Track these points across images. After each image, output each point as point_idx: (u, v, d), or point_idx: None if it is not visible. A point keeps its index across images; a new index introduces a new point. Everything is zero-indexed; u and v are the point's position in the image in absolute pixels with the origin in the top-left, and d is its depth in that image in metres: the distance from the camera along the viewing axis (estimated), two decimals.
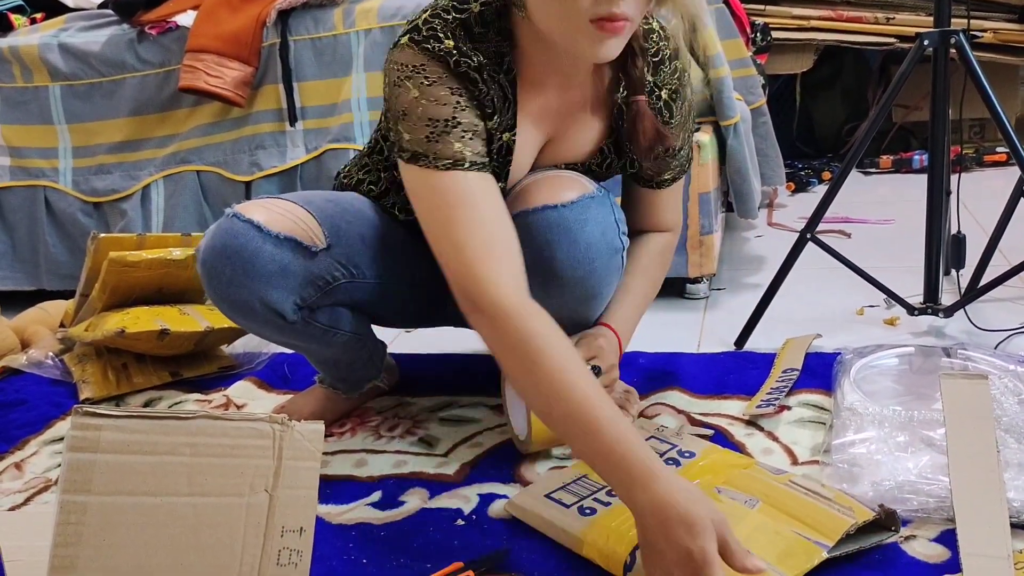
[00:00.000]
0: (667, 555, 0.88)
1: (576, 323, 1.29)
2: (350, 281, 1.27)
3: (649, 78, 1.22)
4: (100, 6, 2.29)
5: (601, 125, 1.25)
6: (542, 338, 0.99)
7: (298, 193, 1.29)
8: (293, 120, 2.03)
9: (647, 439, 1.23)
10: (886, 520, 1.03)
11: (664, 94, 1.24)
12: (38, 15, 2.32)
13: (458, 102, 1.10)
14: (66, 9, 2.34)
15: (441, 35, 1.10)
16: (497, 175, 1.16)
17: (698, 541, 0.85)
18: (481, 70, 1.12)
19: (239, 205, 1.20)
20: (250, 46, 1.99)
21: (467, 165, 1.09)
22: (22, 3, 2.29)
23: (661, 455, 1.18)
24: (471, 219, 1.06)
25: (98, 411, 0.84)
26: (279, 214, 1.20)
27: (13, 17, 2.24)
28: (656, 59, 1.22)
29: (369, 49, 1.98)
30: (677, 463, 1.17)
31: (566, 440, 1.12)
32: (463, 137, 1.09)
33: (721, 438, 1.30)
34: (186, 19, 2.06)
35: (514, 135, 1.18)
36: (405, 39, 1.12)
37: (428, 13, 1.13)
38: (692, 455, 1.19)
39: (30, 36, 2.17)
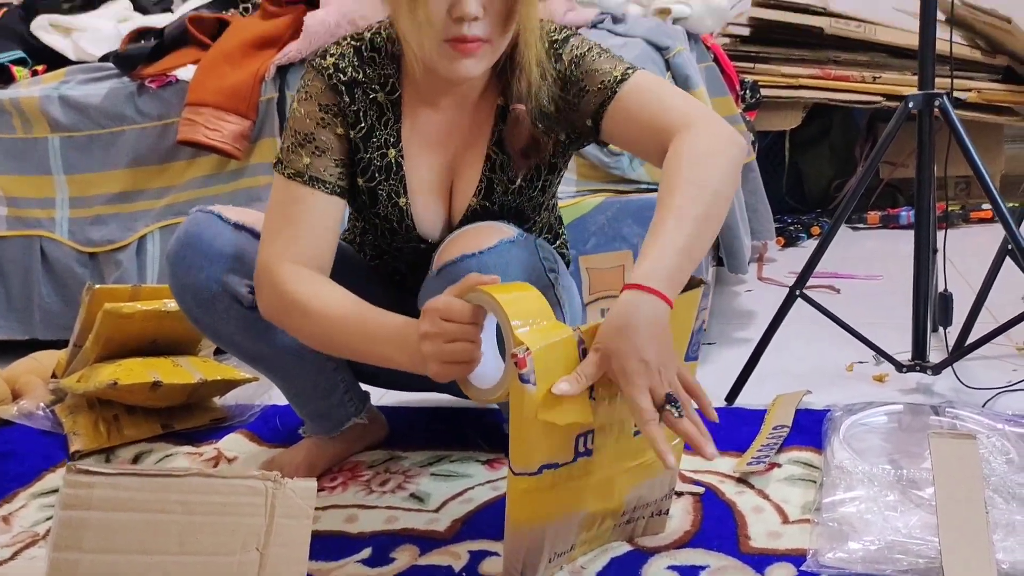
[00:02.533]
0: (427, 343, 1.05)
1: None
2: None
3: (547, 64, 1.20)
4: (101, 59, 2.32)
5: (485, 131, 1.27)
6: (303, 296, 1.16)
7: None
8: None
9: None
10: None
11: (561, 68, 1.21)
12: (40, 67, 2.35)
13: (322, 118, 1.22)
14: (68, 62, 2.38)
15: (330, 55, 1.24)
16: (395, 192, 1.26)
17: (427, 318, 1.04)
18: (355, 85, 1.23)
19: None
20: (248, 100, 2.02)
21: (305, 179, 1.21)
22: (24, 56, 2.32)
23: None
24: (287, 223, 1.21)
25: (91, 468, 0.84)
26: (241, 211, 1.32)
27: (15, 69, 2.27)
28: (549, 48, 1.21)
29: None
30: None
31: (347, 354, 1.24)
32: (314, 153, 1.22)
33: (711, 495, 1.31)
34: (186, 73, 2.09)
35: (400, 152, 1.26)
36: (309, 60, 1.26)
37: (332, 44, 1.26)
38: None
39: (31, 88, 2.20)
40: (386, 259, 1.38)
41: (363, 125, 1.24)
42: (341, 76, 1.22)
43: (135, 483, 0.86)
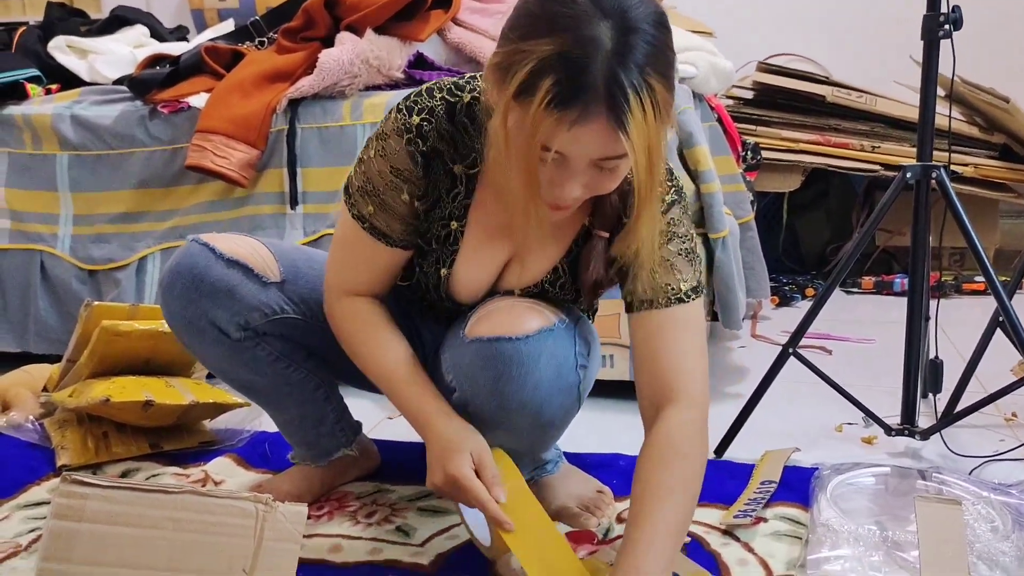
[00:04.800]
0: (438, 478, 1.15)
1: (531, 447, 1.31)
2: (302, 320, 1.34)
3: (621, 213, 1.18)
4: (115, 82, 2.36)
5: (561, 246, 1.24)
6: (359, 334, 1.26)
7: (269, 240, 1.39)
8: (294, 204, 2.08)
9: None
10: None
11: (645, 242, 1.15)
12: (54, 86, 2.38)
13: (392, 181, 1.18)
14: (82, 83, 2.41)
15: (416, 109, 1.16)
16: (443, 261, 1.24)
17: (454, 465, 1.13)
18: (433, 156, 1.16)
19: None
20: (258, 130, 2.05)
21: (367, 226, 1.22)
22: (39, 74, 2.36)
23: None
24: (349, 257, 1.25)
25: (86, 480, 0.85)
26: (236, 244, 1.31)
27: (29, 87, 2.30)
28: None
29: None
30: None
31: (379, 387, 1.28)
32: (379, 206, 1.20)
33: (697, 546, 1.31)
34: (198, 100, 2.13)
35: (462, 227, 1.21)
36: (399, 101, 1.18)
37: (428, 86, 1.18)
38: None
39: (44, 106, 2.23)
40: (415, 289, 1.33)
41: (429, 198, 1.20)
42: (420, 144, 1.15)
43: (128, 497, 0.86)
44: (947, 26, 1.56)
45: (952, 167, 1.64)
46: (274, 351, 1.34)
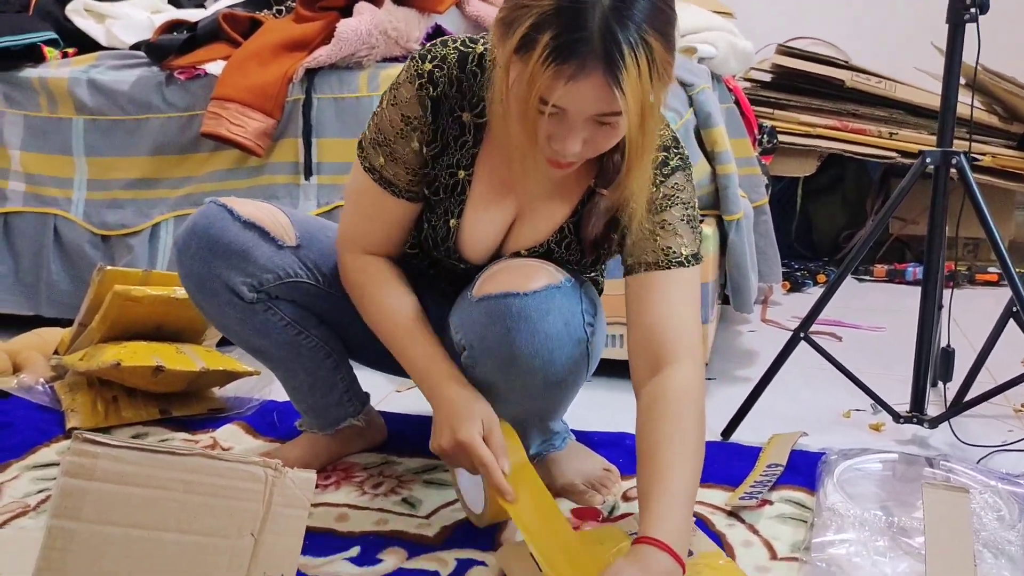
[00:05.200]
0: (445, 440, 1.17)
1: (540, 410, 1.31)
2: (315, 286, 1.35)
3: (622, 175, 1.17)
4: (132, 47, 2.35)
5: (568, 206, 1.25)
6: (368, 287, 1.28)
7: (287, 208, 1.40)
8: (308, 174, 2.07)
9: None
10: None
11: (648, 201, 1.18)
12: (71, 50, 2.38)
13: (402, 129, 1.21)
14: (99, 47, 2.40)
15: (430, 57, 1.19)
16: (451, 212, 1.24)
17: (464, 430, 1.14)
18: (442, 101, 1.19)
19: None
20: (275, 99, 2.04)
21: (377, 177, 1.24)
22: (56, 37, 2.35)
23: None
24: (361, 211, 1.28)
25: (97, 439, 0.85)
26: (253, 207, 1.33)
27: (46, 49, 2.29)
28: (658, 168, 1.19)
29: None
30: None
31: (388, 347, 1.29)
32: (389, 157, 1.23)
33: (702, 526, 1.31)
34: (215, 68, 2.12)
35: (470, 175, 1.22)
36: (416, 51, 1.22)
37: (444, 39, 1.22)
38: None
39: (60, 69, 2.23)
40: (422, 257, 1.35)
41: (437, 144, 1.21)
42: (431, 89, 1.17)
43: (138, 457, 0.87)
44: (973, 9, 1.54)
45: (971, 156, 1.62)
46: (286, 316, 1.35)
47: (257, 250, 1.30)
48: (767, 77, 3.25)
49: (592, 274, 1.41)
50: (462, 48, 1.19)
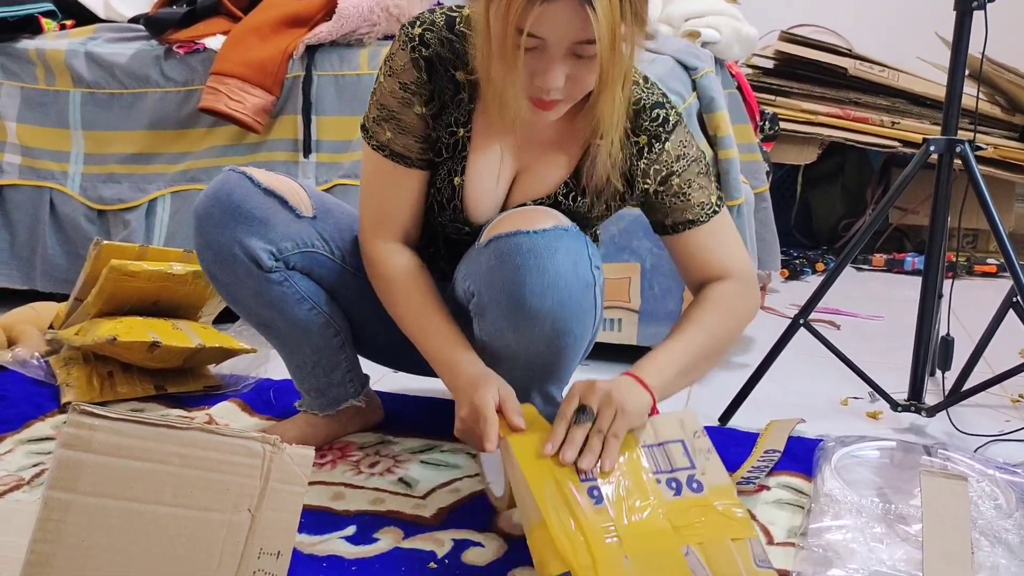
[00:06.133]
0: (464, 411, 1.17)
1: (545, 367, 1.27)
2: (329, 258, 1.37)
3: (627, 124, 1.23)
4: (131, 20, 2.33)
5: (570, 159, 1.28)
6: (394, 281, 1.29)
7: (301, 181, 1.42)
8: (307, 152, 2.06)
9: (669, 442, 1.15)
10: None
11: (642, 140, 1.25)
12: (68, 22, 2.35)
13: (403, 97, 1.24)
14: (97, 19, 2.38)
15: (420, 22, 1.23)
16: (454, 170, 1.27)
17: (479, 395, 1.14)
18: (436, 61, 1.22)
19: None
20: (274, 76, 2.03)
21: (387, 153, 1.26)
22: (53, 8, 2.33)
23: (670, 470, 1.12)
24: (377, 193, 1.29)
25: (95, 411, 0.84)
26: (273, 176, 1.34)
27: (44, 21, 2.27)
28: (636, 107, 1.24)
29: None
30: (676, 488, 1.11)
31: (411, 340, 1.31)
32: (395, 129, 1.25)
33: None
34: (215, 42, 2.10)
35: (468, 132, 1.25)
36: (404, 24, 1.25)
37: (431, 8, 1.26)
38: (698, 490, 1.11)
39: (58, 41, 2.21)
40: (427, 231, 1.36)
41: (436, 103, 1.24)
42: (423, 50, 1.21)
43: (136, 431, 0.86)
44: None
45: (976, 145, 1.61)
46: (299, 291, 1.35)
47: (277, 217, 1.31)
48: (769, 64, 3.24)
49: (595, 227, 1.43)
50: (449, 13, 1.24)
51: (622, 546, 1.02)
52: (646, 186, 1.27)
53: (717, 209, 1.30)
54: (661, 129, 1.25)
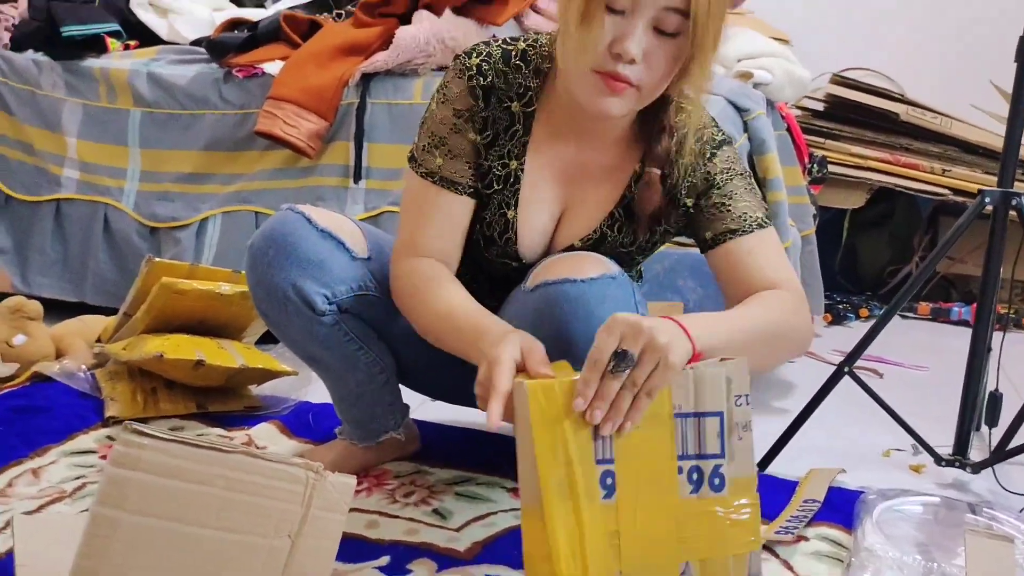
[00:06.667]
0: (481, 372, 1.04)
1: None
2: (380, 300, 1.34)
3: (674, 156, 1.24)
4: (193, 43, 2.39)
5: (615, 192, 1.28)
6: (413, 273, 1.24)
7: (355, 220, 1.41)
8: (357, 178, 2.09)
9: (707, 415, 1.02)
10: None
11: (687, 171, 1.24)
12: (132, 43, 2.42)
13: (455, 123, 1.24)
14: (160, 41, 2.44)
15: (476, 54, 1.24)
16: (507, 203, 1.27)
17: (496, 350, 1.02)
18: (492, 91, 1.23)
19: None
20: (330, 102, 2.06)
21: (436, 179, 1.25)
22: (119, 29, 2.39)
23: (697, 455, 1.02)
24: (418, 218, 1.27)
25: (145, 431, 0.86)
26: (329, 216, 1.34)
27: (109, 41, 2.34)
28: (707, 142, 1.25)
29: None
30: (696, 484, 1.03)
31: (442, 345, 1.22)
32: (447, 155, 1.25)
33: None
34: (273, 68, 2.14)
35: (522, 165, 1.25)
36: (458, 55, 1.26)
37: (485, 41, 1.27)
38: (719, 487, 1.03)
39: (122, 61, 2.27)
40: (471, 268, 1.35)
41: (489, 133, 1.25)
42: (481, 80, 1.22)
43: (183, 452, 0.87)
44: None
45: None
46: (350, 332, 1.34)
47: (333, 260, 1.30)
48: (820, 106, 3.22)
49: (639, 263, 1.41)
50: (504, 46, 1.25)
51: (619, 559, 0.99)
52: (688, 200, 1.26)
53: (764, 224, 1.25)
54: (707, 147, 1.25)
